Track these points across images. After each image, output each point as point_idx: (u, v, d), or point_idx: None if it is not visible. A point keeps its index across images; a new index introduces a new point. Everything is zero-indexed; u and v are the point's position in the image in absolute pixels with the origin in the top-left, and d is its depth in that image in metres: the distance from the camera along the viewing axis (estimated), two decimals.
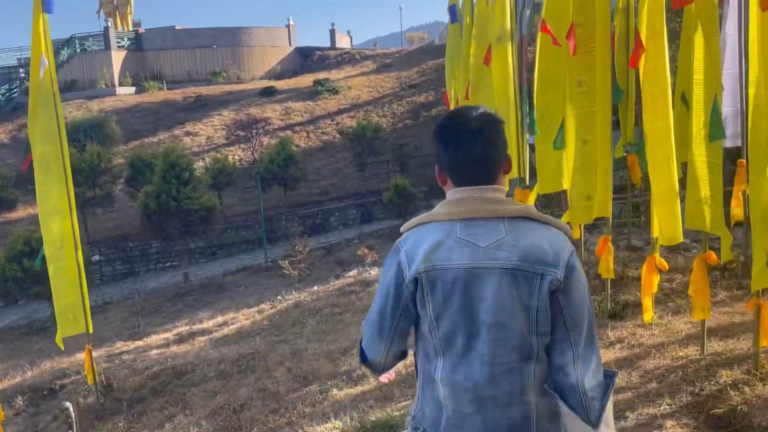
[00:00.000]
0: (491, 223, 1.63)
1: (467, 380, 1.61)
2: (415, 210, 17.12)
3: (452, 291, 1.62)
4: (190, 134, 26.04)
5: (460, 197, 1.69)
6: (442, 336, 1.64)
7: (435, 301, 1.63)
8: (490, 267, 1.59)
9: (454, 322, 1.62)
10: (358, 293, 9.49)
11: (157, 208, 13.98)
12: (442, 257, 1.63)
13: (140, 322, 11.78)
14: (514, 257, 1.59)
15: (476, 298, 1.60)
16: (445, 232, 1.65)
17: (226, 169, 19.06)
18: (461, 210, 1.66)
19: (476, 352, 1.61)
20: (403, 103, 25.66)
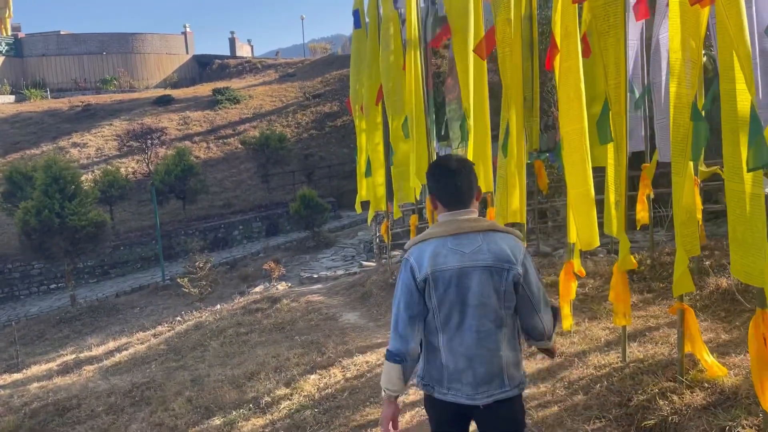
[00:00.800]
0: (471, 236, 2.38)
1: (461, 346, 2.36)
2: (323, 221, 16.71)
3: (449, 285, 2.35)
4: (77, 145, 24.20)
5: (449, 220, 2.42)
6: (442, 317, 2.37)
7: (438, 293, 2.35)
8: (473, 266, 2.34)
9: (451, 306, 2.36)
10: (265, 311, 8.94)
11: (38, 225, 12.67)
12: (441, 262, 2.35)
13: (18, 352, 10.55)
14: (489, 258, 2.34)
15: (465, 287, 2.34)
16: (440, 244, 2.38)
17: (117, 182, 17.78)
18: (450, 228, 2.39)
19: (466, 325, 2.35)
20: (307, 113, 25.19)
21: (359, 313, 7.82)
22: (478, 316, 2.34)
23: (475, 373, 2.35)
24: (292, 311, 8.52)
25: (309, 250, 15.83)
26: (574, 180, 4.81)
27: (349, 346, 6.29)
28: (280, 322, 8.17)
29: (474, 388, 2.36)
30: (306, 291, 9.88)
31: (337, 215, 19.32)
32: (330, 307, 8.43)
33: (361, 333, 6.91)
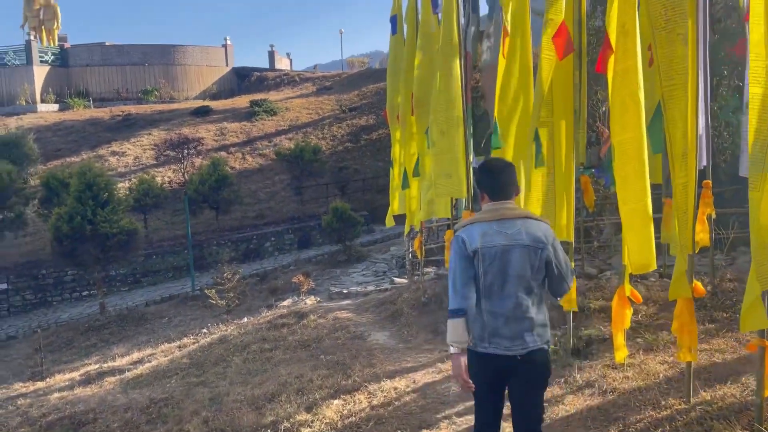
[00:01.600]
0: (512, 221, 2.97)
1: (501, 308, 2.91)
2: (355, 235, 16.37)
3: (494, 259, 2.90)
4: (116, 154, 24.48)
5: (494, 207, 3.01)
6: (486, 285, 2.92)
7: (484, 264, 2.90)
8: (514, 245, 2.92)
9: (494, 276, 2.91)
10: (291, 326, 8.58)
11: (70, 231, 12.63)
12: (489, 240, 2.92)
13: (43, 360, 10.41)
14: (526, 240, 2.93)
15: (507, 262, 2.90)
16: (487, 226, 2.95)
17: (152, 191, 17.77)
18: (495, 215, 2.98)
19: (506, 292, 2.91)
20: (343, 125, 25.01)
21: (389, 333, 7.38)
22: (515, 285, 2.90)
23: (512, 330, 2.89)
24: (319, 328, 8.13)
25: (340, 264, 15.48)
26: (628, 194, 4.32)
27: (376, 370, 5.86)
28: (306, 339, 7.79)
29: (511, 341, 2.90)
30: (334, 307, 9.49)
31: (370, 229, 18.96)
32: (358, 325, 8.02)
33: (389, 355, 6.48)
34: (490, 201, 3.01)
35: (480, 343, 2.93)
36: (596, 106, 12.57)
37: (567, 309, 5.24)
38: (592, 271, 7.80)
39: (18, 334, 14.04)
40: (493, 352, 2.90)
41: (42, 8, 33.08)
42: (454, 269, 2.94)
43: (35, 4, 33.13)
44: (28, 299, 16.64)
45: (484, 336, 2.92)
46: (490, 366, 2.93)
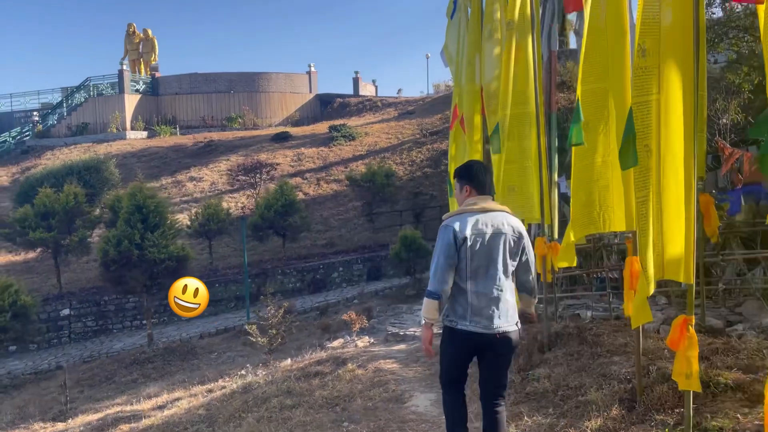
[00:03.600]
0: (495, 212, 3.44)
1: (485, 289, 3.35)
2: (427, 267, 14.72)
3: (482, 244, 3.34)
4: (194, 179, 24.34)
5: (480, 200, 3.46)
6: (473, 268, 3.35)
7: (473, 249, 3.32)
8: (500, 233, 3.38)
9: (480, 260, 3.34)
10: (324, 376, 7.05)
11: (117, 256, 11.87)
12: (479, 228, 3.35)
13: (68, 399, 9.46)
14: (509, 229, 3.41)
15: (493, 248, 3.36)
16: (476, 216, 3.39)
17: (216, 216, 17.00)
18: (482, 206, 3.43)
19: (489, 275, 3.36)
20: (423, 150, 23.59)
21: (434, 396, 5.68)
22: (498, 269, 3.37)
23: (492, 311, 3.33)
24: (354, 382, 6.55)
25: (407, 300, 13.86)
26: None
27: None
28: (335, 396, 6.23)
29: (489, 321, 3.34)
30: (381, 353, 7.88)
31: None
32: (401, 381, 6.37)
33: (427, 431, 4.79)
34: (477, 195, 3.44)
35: (461, 321, 3.34)
36: (715, 115, 10.31)
37: (684, 389, 3.38)
38: (717, 323, 5.75)
39: (68, 363, 13.39)
40: (473, 329, 3.32)
41: (141, 41, 34.31)
42: (440, 255, 3.32)
43: (135, 38, 34.42)
44: (89, 326, 16.17)
45: (466, 315, 3.33)
46: (467, 342, 3.38)
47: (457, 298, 3.32)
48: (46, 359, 14.08)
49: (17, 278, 17.79)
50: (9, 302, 11.59)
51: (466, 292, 3.30)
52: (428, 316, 3.37)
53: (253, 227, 17.07)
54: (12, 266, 18.79)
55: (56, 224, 15.66)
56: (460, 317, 3.32)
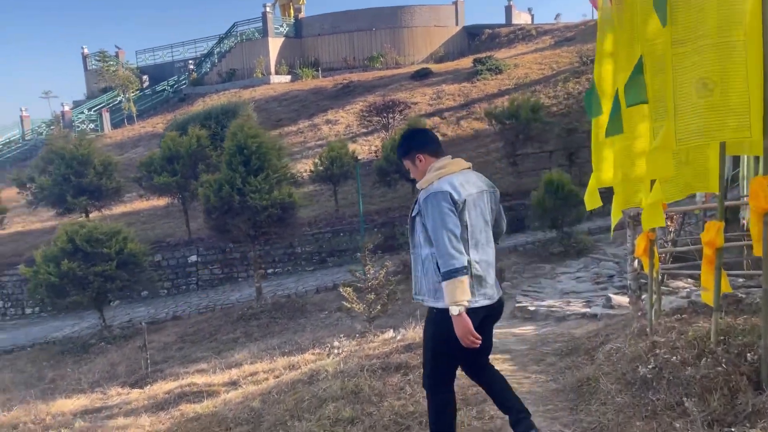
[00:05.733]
0: (468, 172, 3.02)
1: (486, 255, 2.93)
2: (577, 219, 12.03)
3: (475, 206, 2.89)
4: (330, 122, 23.20)
5: (450, 162, 3.00)
6: (474, 235, 2.88)
7: (471, 214, 2.86)
8: (482, 191, 2.98)
9: (477, 224, 2.89)
10: (407, 373, 5.12)
11: (218, 203, 10.77)
12: (467, 189, 2.89)
13: (148, 363, 8.53)
14: (485, 185, 3.03)
15: (482, 208, 2.94)
16: (459, 177, 2.91)
17: (340, 159, 15.50)
18: (458, 166, 2.99)
19: (487, 237, 2.96)
20: (581, 80, 20.15)
21: (559, 428, 3.51)
22: (489, 231, 2.98)
23: (492, 277, 2.95)
24: None
25: (552, 258, 11.38)
26: None
27: None
28: (408, 413, 4.28)
29: (493, 289, 2.94)
30: (497, 339, 5.75)
31: (605, 212, 14.25)
32: None
33: None
34: (434, 158, 3.00)
35: (471, 299, 2.78)
36: None
37: None
38: None
39: (183, 314, 12.87)
40: (482, 304, 2.87)
41: None
42: (445, 222, 2.74)
43: None
44: (216, 274, 15.74)
45: (474, 291, 2.82)
46: (476, 319, 2.82)
47: None
48: (168, 307, 13.76)
49: (153, 224, 17.96)
50: (116, 249, 11.03)
51: (470, 264, 2.82)
52: (462, 299, 2.71)
53: (379, 171, 15.37)
54: (154, 211, 19.05)
55: (180, 168, 15.16)
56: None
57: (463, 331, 2.71)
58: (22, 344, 12.46)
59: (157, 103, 31.83)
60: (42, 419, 7.13)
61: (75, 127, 28.92)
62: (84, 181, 15.66)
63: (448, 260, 2.68)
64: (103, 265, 10.87)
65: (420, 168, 2.98)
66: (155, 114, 30.25)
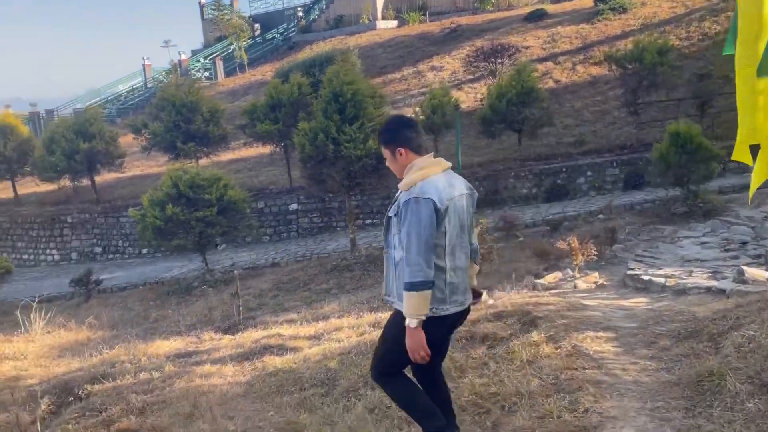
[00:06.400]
0: (450, 170, 2.84)
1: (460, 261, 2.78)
2: (707, 176, 10.67)
3: (455, 211, 2.73)
4: (434, 69, 22.34)
5: (432, 161, 2.80)
6: (451, 241, 2.72)
7: (451, 220, 2.71)
8: (462, 194, 2.80)
9: (455, 229, 2.73)
10: (494, 346, 4.60)
11: (313, 151, 10.54)
12: (449, 193, 2.72)
13: (240, 310, 8.57)
14: (465, 187, 2.85)
15: (462, 212, 2.78)
16: (442, 179, 2.74)
17: (442, 108, 14.78)
18: (440, 167, 2.79)
19: (463, 243, 2.80)
20: (719, 18, 17.84)
21: None
22: (466, 235, 2.82)
23: (464, 282, 2.82)
24: (526, 371, 3.98)
25: (673, 219, 10.22)
26: None
27: None
28: (490, 394, 3.80)
29: (464, 295, 2.83)
30: (601, 312, 5.06)
31: (740, 169, 12.62)
32: (607, 388, 3.62)
33: None
34: (418, 156, 2.80)
35: (442, 306, 2.73)
36: None
37: None
38: None
39: (281, 260, 13.00)
40: (453, 311, 2.78)
41: None
42: (423, 233, 2.61)
43: None
44: (315, 222, 15.80)
45: (445, 298, 2.74)
46: (444, 327, 2.82)
47: (435, 281, 2.67)
48: (269, 254, 13.98)
49: (257, 171, 18.27)
50: (216, 196, 11.18)
51: (444, 271, 2.70)
52: (421, 313, 2.61)
53: (483, 121, 14.52)
54: (259, 158, 19.37)
55: (282, 117, 15.13)
56: (440, 302, 2.71)
57: (416, 345, 2.65)
58: (135, 282, 13.17)
59: (267, 51, 32.25)
60: (138, 359, 7.33)
61: (191, 76, 30.00)
62: (192, 127, 16.08)
63: (416, 272, 2.59)
64: (204, 211, 11.07)
65: (399, 162, 2.82)
66: (265, 62, 30.67)
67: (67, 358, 8.79)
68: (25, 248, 18.56)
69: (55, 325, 10.14)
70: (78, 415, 5.73)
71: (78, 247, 17.81)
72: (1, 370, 8.70)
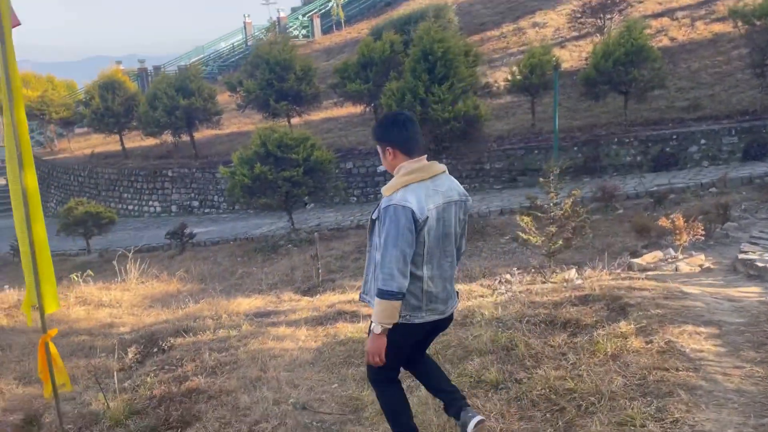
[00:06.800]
0: (440, 176, 2.72)
1: (441, 270, 2.73)
2: None
3: (438, 220, 2.66)
4: (537, 25, 21.12)
5: (421, 165, 2.69)
6: (430, 249, 2.66)
7: (431, 229, 2.64)
8: (449, 201, 2.71)
9: (437, 239, 2.68)
10: (576, 333, 4.20)
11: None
12: (432, 202, 2.64)
13: (320, 272, 8.51)
14: (456, 194, 2.75)
15: (447, 221, 2.70)
16: (426, 186, 2.65)
17: (541, 68, 13.90)
18: (427, 173, 2.68)
19: (446, 253, 2.74)
20: None
21: None
22: (450, 244, 2.75)
23: (447, 292, 2.79)
24: (609, 367, 3.56)
25: None
26: None
27: None
28: (568, 389, 3.42)
29: (444, 304, 2.79)
30: (705, 303, 4.48)
31: None
32: (703, 395, 3.14)
33: None
34: (408, 158, 2.70)
35: (416, 313, 2.73)
36: None
37: None
38: None
39: (366, 223, 12.87)
40: (429, 319, 2.77)
41: None
42: (398, 243, 2.56)
43: None
44: None
45: (421, 306, 2.73)
46: (420, 333, 2.82)
47: (410, 288, 2.65)
48: (354, 215, 13.93)
49: (348, 131, 18.17)
50: (303, 156, 11.15)
51: (421, 279, 2.68)
52: (387, 321, 2.61)
53: (586, 82, 13.54)
54: (350, 118, 19.25)
55: (373, 76, 14.84)
56: (414, 309, 2.71)
57: (375, 350, 2.68)
58: (226, 238, 13.55)
59: (364, 7, 31.84)
60: (219, 315, 7.47)
61: (289, 34, 30.23)
62: (285, 86, 16.13)
63: (388, 280, 2.57)
64: (291, 171, 11.08)
65: (389, 161, 2.76)
66: (362, 19, 30.33)
67: (157, 309, 9.17)
68: (130, 199, 19.67)
69: (149, 276, 10.60)
70: (157, 368, 5.89)
71: (177, 200, 18.63)
72: (97, 317, 9.24)
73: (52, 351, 4.61)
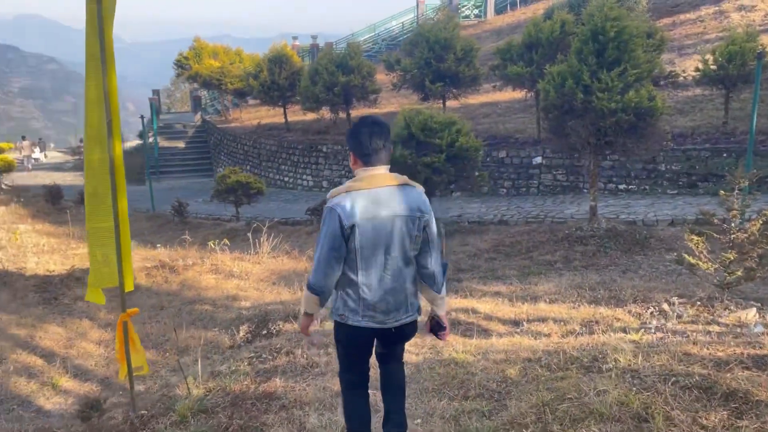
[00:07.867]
0: (389, 189, 2.81)
1: (381, 281, 2.83)
2: None
3: (374, 231, 2.77)
4: (743, 9, 18.20)
5: (369, 175, 2.82)
6: (364, 258, 2.80)
7: (363, 238, 2.76)
8: (394, 215, 2.79)
9: (374, 249, 2.79)
10: (749, 408, 3.02)
11: (557, 100, 9.01)
12: (368, 212, 2.76)
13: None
14: (404, 209, 2.81)
15: (388, 234, 2.79)
16: (365, 196, 2.78)
17: (741, 57, 11.73)
18: (372, 183, 2.80)
19: (386, 264, 2.83)
20: None
21: None
22: (395, 258, 2.83)
23: (388, 303, 2.86)
24: None
25: None
26: None
27: None
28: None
29: (385, 315, 2.88)
30: None
31: None
32: None
33: None
34: (364, 166, 2.85)
35: (353, 316, 2.88)
36: None
37: None
38: None
39: (510, 219, 11.81)
40: (366, 325, 2.89)
41: None
42: (324, 244, 2.79)
43: None
44: (559, 180, 14.14)
45: (357, 310, 2.87)
46: (361, 337, 2.96)
47: (348, 291, 2.88)
48: (500, 209, 12.90)
49: (507, 118, 17.00)
50: (447, 142, 10.38)
51: (357, 285, 2.85)
52: (307, 310, 2.97)
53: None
54: (511, 104, 18.05)
55: (537, 58, 13.57)
56: (351, 311, 2.90)
57: (303, 327, 3.05)
58: None
59: None
60: None
61: (460, 13, 29.32)
62: (443, 66, 15.39)
63: (312, 275, 2.84)
64: (432, 156, 10.36)
65: (352, 165, 2.93)
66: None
67: (279, 287, 9.05)
68: (287, 171, 20.26)
69: (281, 251, 10.56)
70: (255, 355, 5.58)
71: (329, 176, 18.81)
72: (226, 287, 9.34)
73: (130, 332, 4.41)
